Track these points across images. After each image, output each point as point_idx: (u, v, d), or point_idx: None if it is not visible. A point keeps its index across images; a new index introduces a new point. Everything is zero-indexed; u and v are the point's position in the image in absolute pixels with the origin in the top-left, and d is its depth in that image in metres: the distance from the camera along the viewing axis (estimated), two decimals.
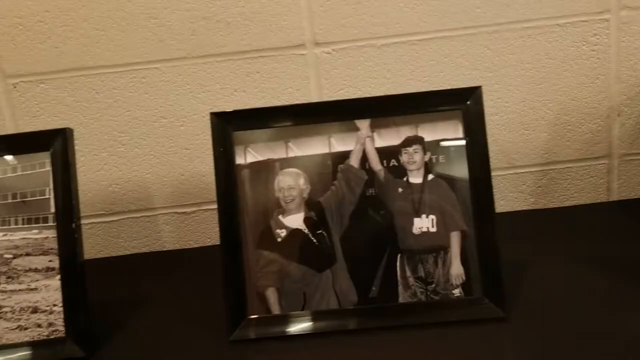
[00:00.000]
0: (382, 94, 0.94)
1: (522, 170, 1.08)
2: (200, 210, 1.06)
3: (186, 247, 1.09)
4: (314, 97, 1.01)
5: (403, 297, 0.80)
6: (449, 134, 0.81)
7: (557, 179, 1.08)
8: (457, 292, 0.80)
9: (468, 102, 0.81)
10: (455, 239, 0.80)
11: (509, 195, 1.09)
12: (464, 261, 0.80)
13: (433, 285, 0.80)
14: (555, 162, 1.07)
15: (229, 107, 0.97)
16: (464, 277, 0.80)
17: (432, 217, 0.81)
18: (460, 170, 0.81)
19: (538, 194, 1.09)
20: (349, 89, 1.02)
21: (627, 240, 0.95)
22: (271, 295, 0.81)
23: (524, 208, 1.10)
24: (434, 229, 0.80)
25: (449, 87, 0.87)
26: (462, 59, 1.01)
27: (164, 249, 1.09)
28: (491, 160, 1.05)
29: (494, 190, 1.08)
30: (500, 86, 1.03)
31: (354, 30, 0.99)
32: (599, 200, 1.10)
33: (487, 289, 0.79)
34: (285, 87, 1.01)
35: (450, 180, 0.81)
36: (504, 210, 1.10)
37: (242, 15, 0.97)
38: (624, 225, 1.01)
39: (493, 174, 1.06)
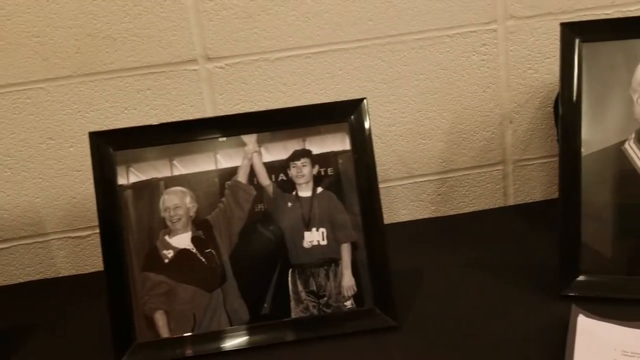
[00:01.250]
0: (279, 107, 0.93)
1: (421, 179, 1.09)
2: (95, 233, 1.02)
3: (83, 272, 1.05)
4: (208, 112, 1.00)
5: (295, 312, 0.79)
6: (337, 146, 0.81)
7: (456, 187, 1.10)
8: (349, 303, 0.80)
9: (354, 115, 0.81)
10: (345, 251, 0.80)
11: (410, 204, 1.10)
12: (355, 272, 0.80)
13: (325, 299, 0.80)
14: (452, 170, 1.09)
15: (119, 126, 0.95)
16: (355, 289, 0.80)
17: (322, 230, 0.80)
18: (349, 182, 0.81)
19: (438, 202, 1.11)
20: (244, 103, 1.01)
21: (522, 244, 0.97)
22: (160, 318, 0.78)
23: (425, 216, 1.11)
24: (324, 242, 0.80)
25: (346, 99, 0.86)
26: (357, 71, 1.02)
27: (60, 275, 1.05)
28: (391, 170, 1.08)
29: (395, 200, 1.11)
30: (395, 97, 1.04)
31: (246, 44, 0.98)
32: (496, 206, 1.12)
33: (378, 299, 0.79)
34: (179, 104, 0.99)
35: (340, 192, 0.81)
36: (406, 220, 1.11)
37: (129, 31, 0.95)
38: (520, 229, 1.04)
39: (393, 183, 1.09)
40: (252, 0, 0.96)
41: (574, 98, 0.82)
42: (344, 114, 0.81)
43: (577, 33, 0.82)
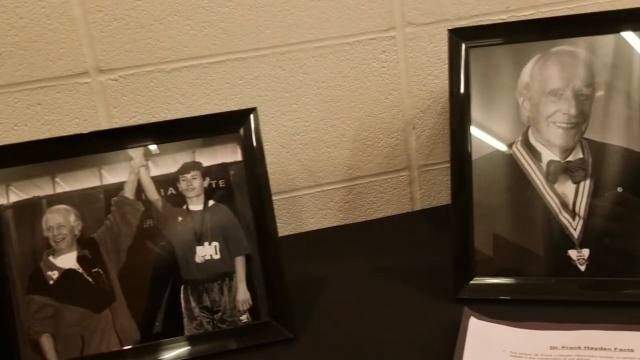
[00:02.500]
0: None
1: (328, 188, 1.09)
2: None
3: None
4: (103, 126, 0.97)
5: (189, 330, 0.77)
6: (228, 157, 0.80)
7: (363, 193, 1.11)
8: (244, 318, 0.78)
9: (245, 125, 0.80)
10: (240, 264, 0.79)
11: (318, 213, 1.10)
12: (250, 286, 0.78)
13: (220, 314, 0.78)
14: (359, 177, 1.10)
15: (9, 143, 0.91)
16: (250, 302, 0.78)
17: (215, 243, 0.78)
18: (241, 193, 0.79)
19: (346, 210, 1.11)
20: (142, 116, 0.98)
21: (428, 248, 0.98)
22: (46, 342, 0.75)
23: (334, 224, 1.11)
24: (217, 256, 0.78)
25: (236, 110, 0.85)
26: (257, 81, 1.01)
27: None
28: (297, 179, 1.07)
29: (303, 209, 1.10)
30: (298, 106, 1.04)
31: (140, 55, 0.96)
32: (404, 211, 1.13)
33: (275, 312, 0.78)
34: (72, 118, 0.96)
35: (232, 205, 0.79)
36: (315, 228, 1.10)
37: (15, 44, 0.91)
38: (427, 233, 1.05)
39: (300, 193, 1.09)
40: (144, 10, 0.94)
41: (462, 103, 0.83)
42: (235, 124, 0.80)
43: (463, 38, 0.83)
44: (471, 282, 0.82)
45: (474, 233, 0.82)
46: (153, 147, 0.78)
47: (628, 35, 0.78)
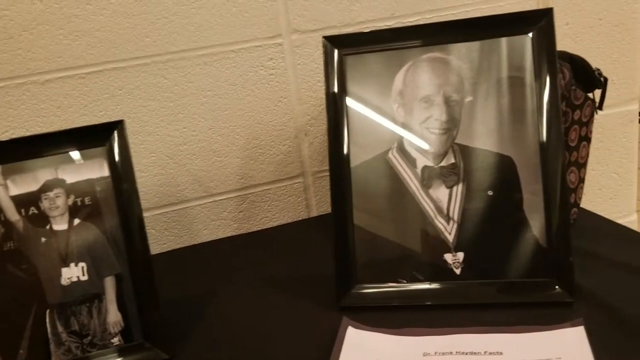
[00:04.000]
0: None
1: (220, 198, 1.07)
2: None
3: None
4: None
5: (56, 356, 0.73)
6: (94, 173, 0.76)
7: (257, 202, 1.09)
8: (116, 340, 0.75)
9: (111, 139, 0.77)
10: (109, 285, 0.75)
11: (211, 224, 1.08)
12: (121, 306, 0.75)
13: (89, 338, 0.75)
14: (252, 186, 1.08)
15: None
16: (122, 324, 0.75)
17: (82, 264, 0.75)
18: (110, 210, 0.76)
19: (240, 219, 1.09)
20: (15, 130, 0.94)
21: (321, 256, 0.96)
22: None
23: (228, 235, 1.09)
24: (85, 277, 0.75)
25: (102, 123, 0.82)
26: (139, 90, 0.98)
27: None
28: (187, 190, 1.05)
29: (195, 221, 1.07)
30: (184, 115, 1.01)
31: (9, 67, 0.91)
32: (300, 218, 1.12)
33: (148, 333, 0.75)
34: None
35: (99, 223, 0.76)
36: (209, 240, 1.08)
37: None
38: (322, 240, 1.03)
39: (191, 204, 1.06)
40: (12, 20, 0.90)
41: (339, 110, 0.82)
42: (100, 138, 0.76)
43: (338, 46, 0.83)
44: (353, 290, 0.81)
45: (355, 240, 0.82)
46: (11, 165, 0.74)
47: (497, 41, 0.79)
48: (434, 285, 0.79)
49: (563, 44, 1.17)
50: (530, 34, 0.78)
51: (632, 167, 1.31)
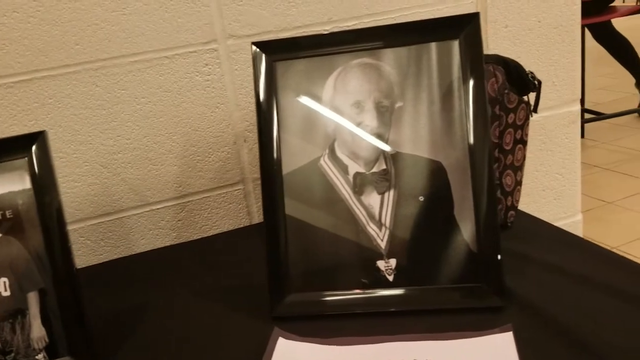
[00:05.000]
0: None
1: (158, 206, 1.05)
2: None
3: None
4: None
5: None
6: (16, 186, 0.74)
7: (197, 210, 1.07)
8: (40, 357, 0.73)
9: (32, 150, 0.74)
10: (33, 300, 0.73)
11: (149, 234, 1.06)
12: (46, 322, 0.73)
13: (12, 354, 0.72)
14: (191, 194, 1.06)
15: None
16: (46, 339, 0.73)
17: (3, 279, 0.73)
18: (32, 223, 0.74)
19: (179, 228, 1.07)
20: None
21: (261, 264, 0.95)
22: None
23: (167, 244, 1.07)
24: (7, 293, 0.73)
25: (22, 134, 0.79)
26: (70, 99, 0.96)
27: None
28: (122, 200, 1.03)
29: (132, 231, 1.05)
30: (117, 123, 0.99)
31: None
32: (241, 225, 1.11)
33: (74, 348, 0.73)
34: None
35: (22, 237, 0.73)
36: (147, 249, 1.06)
37: None
38: (263, 247, 1.02)
39: (127, 214, 1.04)
40: None
41: (269, 117, 0.81)
42: (20, 150, 0.74)
43: (268, 52, 0.82)
44: (286, 299, 0.80)
45: (288, 249, 0.81)
46: None
47: (426, 47, 0.79)
48: (367, 293, 0.79)
49: (502, 47, 1.19)
50: (458, 39, 0.78)
51: (575, 168, 1.33)
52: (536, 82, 0.94)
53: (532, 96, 0.95)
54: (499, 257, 0.75)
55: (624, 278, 0.78)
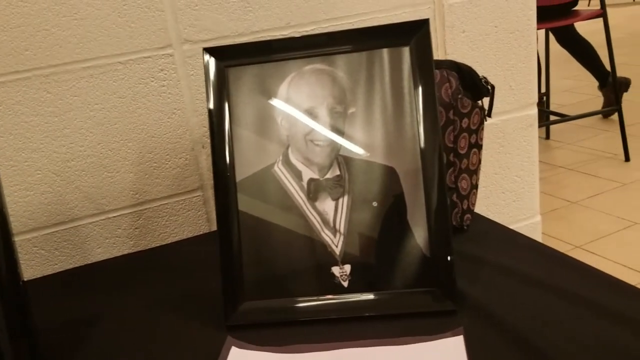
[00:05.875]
0: None
1: (114, 215, 1.03)
2: None
3: None
4: None
5: None
6: None
7: (154, 218, 1.06)
8: None
9: None
10: None
11: (105, 242, 1.04)
12: None
13: None
14: (148, 202, 1.05)
15: None
16: None
17: None
18: None
19: (137, 236, 1.06)
20: None
21: (217, 270, 0.95)
22: None
23: (124, 252, 1.05)
24: None
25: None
26: (20, 106, 0.94)
27: None
28: (77, 208, 1.01)
29: (87, 240, 1.03)
30: (70, 130, 0.97)
31: None
32: (201, 232, 1.10)
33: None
34: None
35: None
36: (102, 258, 1.04)
37: None
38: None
39: (82, 222, 1.02)
40: None
41: (221, 124, 0.81)
42: None
43: (219, 57, 0.81)
44: (240, 307, 0.79)
45: (242, 257, 0.80)
46: None
47: (378, 52, 0.79)
48: (323, 299, 0.79)
49: (460, 52, 1.20)
50: (409, 46, 0.78)
51: (533, 170, 1.35)
52: (489, 87, 0.95)
53: (486, 101, 0.95)
54: (449, 258, 0.75)
55: (576, 280, 0.79)
